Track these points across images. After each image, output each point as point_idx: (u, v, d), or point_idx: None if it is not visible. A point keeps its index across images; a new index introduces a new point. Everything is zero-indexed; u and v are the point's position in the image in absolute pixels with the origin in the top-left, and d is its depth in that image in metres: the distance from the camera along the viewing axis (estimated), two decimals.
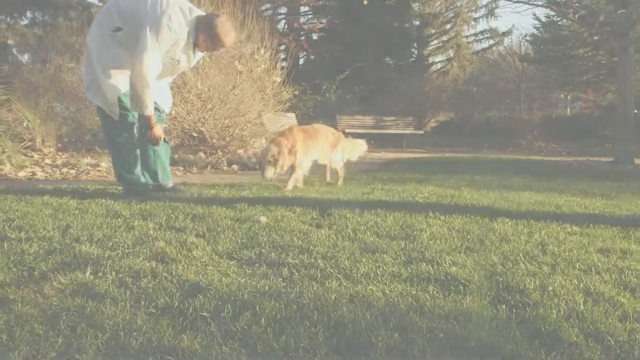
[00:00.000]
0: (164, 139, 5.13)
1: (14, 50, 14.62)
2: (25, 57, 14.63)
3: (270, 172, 5.67)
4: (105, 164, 7.71)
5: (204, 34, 4.67)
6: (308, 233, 3.47)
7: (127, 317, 2.06)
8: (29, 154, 8.46)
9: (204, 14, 4.77)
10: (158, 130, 4.85)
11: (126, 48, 4.66)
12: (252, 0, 14.44)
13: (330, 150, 6.43)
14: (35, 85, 10.68)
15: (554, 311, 2.21)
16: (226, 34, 4.68)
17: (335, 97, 20.06)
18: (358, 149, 7.01)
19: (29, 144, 8.98)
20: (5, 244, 2.99)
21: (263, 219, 3.86)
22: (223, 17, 4.71)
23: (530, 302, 2.33)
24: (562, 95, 26.47)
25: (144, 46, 4.48)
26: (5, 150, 7.11)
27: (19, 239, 3.12)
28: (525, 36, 28.68)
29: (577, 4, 14.64)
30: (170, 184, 5.33)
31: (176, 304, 2.19)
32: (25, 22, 15.96)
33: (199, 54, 5.01)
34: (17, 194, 4.79)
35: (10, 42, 13.34)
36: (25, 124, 8.96)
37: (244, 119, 10.20)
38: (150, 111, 4.68)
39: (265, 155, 5.74)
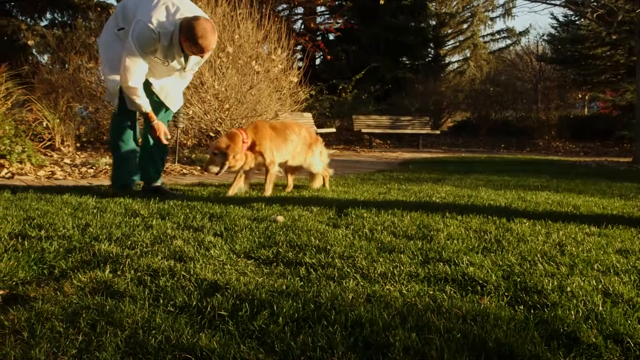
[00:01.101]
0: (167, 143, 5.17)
1: (34, 51, 14.77)
2: (44, 58, 14.78)
3: (213, 167, 5.10)
4: None
5: (184, 35, 4.59)
6: (325, 233, 3.48)
7: (146, 316, 2.08)
8: (49, 154, 8.55)
9: (193, 15, 4.66)
10: (160, 126, 4.94)
11: None
12: (269, 1, 14.49)
13: (305, 150, 5.71)
14: (55, 86, 10.79)
15: (572, 312, 2.20)
16: (201, 36, 4.54)
17: (352, 97, 20.03)
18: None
19: (49, 143, 9.08)
20: (26, 242, 3.02)
21: (280, 218, 3.88)
22: (201, 20, 4.57)
23: (548, 302, 2.32)
24: (579, 95, 26.25)
25: (125, 46, 4.63)
26: (26, 149, 7.18)
27: (39, 238, 3.16)
28: (543, 36, 28.62)
29: (595, 3, 14.51)
30: (157, 184, 5.31)
31: (194, 303, 2.20)
32: (45, 22, 16.12)
33: (194, 58, 4.94)
34: (37, 192, 4.84)
35: (30, 42, 13.46)
36: (44, 124, 9.06)
37: (261, 119, 10.23)
38: (145, 109, 4.84)
39: (212, 147, 5.22)
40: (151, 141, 5.11)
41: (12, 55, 13.02)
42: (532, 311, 2.23)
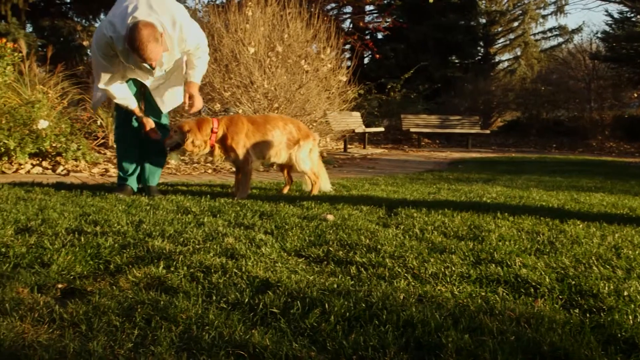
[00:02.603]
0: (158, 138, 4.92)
1: (89, 51, 15.12)
2: None
3: (167, 144, 4.81)
4: (175, 161, 7.89)
5: (126, 42, 4.26)
6: (375, 232, 3.47)
7: (200, 312, 2.11)
8: (102, 151, 8.74)
9: (143, 18, 4.24)
10: (146, 122, 4.80)
11: None
12: (317, 0, 14.51)
13: (290, 146, 5.13)
14: None
15: (630, 317, 2.15)
16: (135, 46, 4.17)
17: (400, 96, 19.92)
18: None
19: (102, 141, 9.27)
20: (82, 238, 3.10)
21: (330, 217, 3.88)
22: (139, 26, 4.16)
23: (604, 307, 2.27)
24: (635, 94, 25.55)
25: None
26: (81, 147, 7.36)
27: (94, 233, 3.23)
28: (597, 33, 27.90)
29: None
30: (153, 187, 5.10)
31: (246, 300, 2.23)
32: (99, 23, 16.48)
33: (165, 60, 4.59)
34: (91, 189, 4.96)
35: (85, 43, 13.80)
36: (98, 122, 9.25)
37: (310, 118, 10.26)
38: (127, 105, 4.71)
39: (175, 125, 4.93)
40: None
41: (68, 55, 13.38)
42: (587, 315, 2.19)
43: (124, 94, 4.69)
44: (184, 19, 4.54)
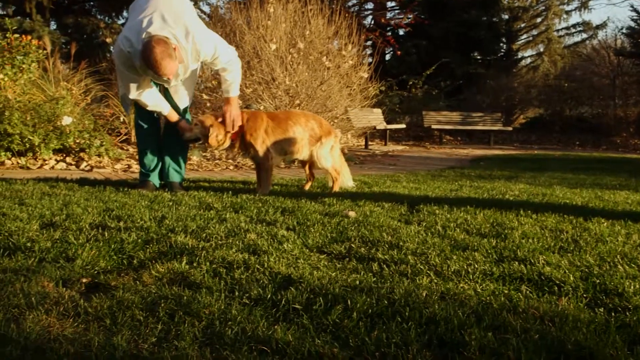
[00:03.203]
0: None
1: (111, 48, 15.25)
2: None
3: (187, 136, 4.84)
4: (197, 157, 7.93)
5: (141, 58, 4.32)
6: (397, 229, 3.46)
7: (222, 307, 2.12)
8: (125, 147, 8.80)
9: (156, 34, 4.30)
10: (180, 123, 4.85)
11: None
12: None
13: (312, 143, 5.10)
14: None
15: None
16: (150, 58, 4.22)
17: (422, 92, 19.82)
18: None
19: (125, 137, 9.34)
20: (106, 233, 3.13)
21: (352, 213, 3.88)
22: (152, 43, 4.22)
23: (630, 306, 2.24)
24: None
25: None
26: (104, 143, 7.43)
27: (118, 229, 3.26)
28: (622, 29, 27.49)
29: None
30: (175, 183, 5.10)
31: (269, 296, 2.23)
32: (122, 21, 16.60)
33: (180, 70, 4.62)
34: (114, 185, 5.00)
35: (108, 40, 13.92)
36: (121, 119, 9.32)
37: (331, 115, 10.25)
38: (160, 110, 4.78)
39: (197, 119, 4.96)
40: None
41: (91, 52, 13.50)
42: (612, 314, 2.17)
43: (155, 101, 4.75)
44: (197, 29, 4.57)
